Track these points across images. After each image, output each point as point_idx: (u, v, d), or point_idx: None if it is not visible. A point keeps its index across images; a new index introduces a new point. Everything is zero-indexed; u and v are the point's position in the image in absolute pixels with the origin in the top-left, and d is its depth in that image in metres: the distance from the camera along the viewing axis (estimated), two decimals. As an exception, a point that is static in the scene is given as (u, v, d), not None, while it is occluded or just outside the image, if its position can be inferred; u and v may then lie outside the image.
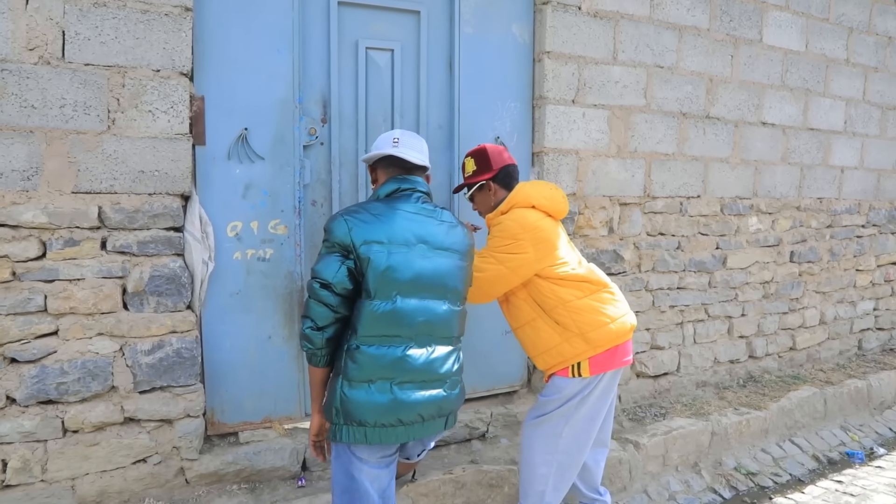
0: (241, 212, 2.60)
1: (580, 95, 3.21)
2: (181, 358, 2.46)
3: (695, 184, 3.69)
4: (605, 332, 2.24)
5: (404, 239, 1.84)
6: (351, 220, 1.82)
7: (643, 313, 3.59)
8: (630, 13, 3.32)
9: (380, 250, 1.79)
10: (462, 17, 2.94)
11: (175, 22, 2.36)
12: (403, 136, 2.01)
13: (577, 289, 2.27)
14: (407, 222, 1.86)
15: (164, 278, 2.41)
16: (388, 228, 1.83)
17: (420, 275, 1.84)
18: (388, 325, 1.81)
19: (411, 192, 1.96)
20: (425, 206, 1.95)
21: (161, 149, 2.38)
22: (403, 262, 1.82)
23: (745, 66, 3.79)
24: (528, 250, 2.23)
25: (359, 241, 1.79)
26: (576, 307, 2.25)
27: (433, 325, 1.88)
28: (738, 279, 3.99)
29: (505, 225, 2.27)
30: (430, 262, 1.87)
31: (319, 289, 1.80)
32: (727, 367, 4.05)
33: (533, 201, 2.32)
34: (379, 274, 1.78)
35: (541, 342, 2.31)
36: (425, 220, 1.91)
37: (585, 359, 2.25)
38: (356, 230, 1.80)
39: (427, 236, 1.88)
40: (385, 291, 1.80)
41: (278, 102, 2.62)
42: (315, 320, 1.82)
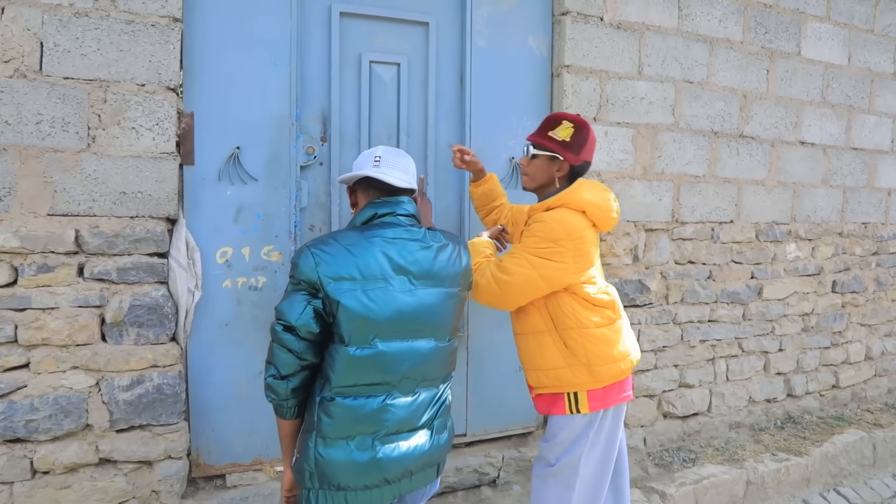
0: (231, 237, 2.42)
1: (602, 112, 2.98)
2: (162, 394, 2.27)
3: (727, 208, 3.42)
4: (613, 368, 2.05)
5: (381, 272, 1.58)
6: (318, 254, 1.56)
7: (671, 348, 3.31)
8: (656, 24, 3.09)
9: (352, 288, 1.53)
10: (474, 29, 2.75)
11: (162, 33, 2.20)
12: (386, 153, 1.74)
13: (600, 315, 2.05)
14: (384, 252, 1.60)
15: (146, 308, 2.23)
16: (361, 262, 1.56)
17: (401, 313, 1.58)
18: (367, 373, 1.56)
19: (391, 217, 1.68)
20: (408, 230, 1.67)
21: (145, 169, 2.21)
22: (381, 299, 1.56)
23: (782, 81, 3.53)
24: (568, 260, 1.97)
25: (327, 279, 1.53)
26: (591, 335, 2.02)
27: (419, 369, 1.63)
28: (776, 311, 3.68)
29: (549, 225, 1.98)
30: (412, 297, 1.60)
31: (282, 332, 1.55)
32: (763, 407, 3.73)
33: (585, 206, 2.03)
34: (352, 316, 1.53)
35: (541, 358, 2.09)
36: (407, 245, 1.64)
37: (584, 391, 2.04)
38: (324, 265, 1.54)
39: (409, 265, 1.62)
40: (361, 335, 1.54)
41: (274, 119, 2.44)
42: (278, 368, 1.56)
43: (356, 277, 1.55)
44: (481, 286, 2.01)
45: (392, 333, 1.57)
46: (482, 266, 2.04)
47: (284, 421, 1.65)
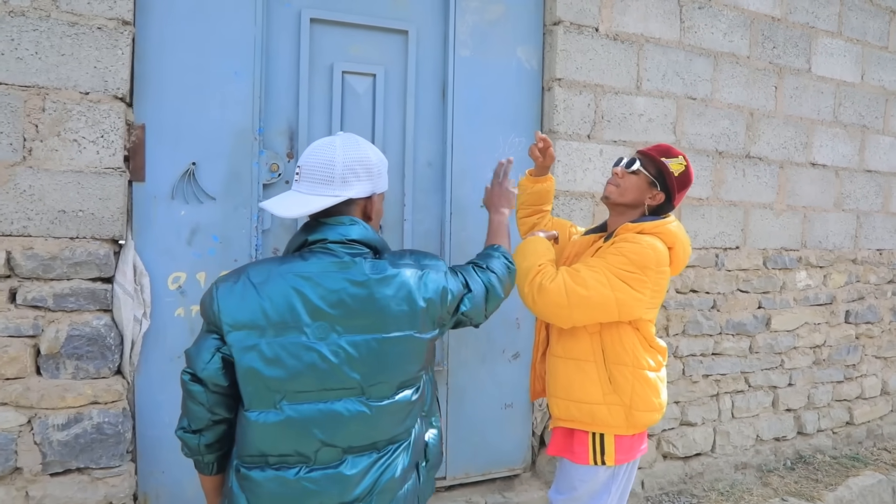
0: (185, 261, 2.20)
1: (597, 130, 2.77)
2: (103, 434, 2.05)
3: (733, 233, 3.19)
4: (650, 417, 1.88)
5: (292, 318, 1.24)
6: (222, 294, 1.26)
7: (671, 384, 3.06)
8: (656, 37, 2.88)
9: (254, 340, 1.23)
10: (458, 39, 2.55)
11: (110, 37, 2.01)
12: (311, 157, 1.35)
13: (654, 359, 1.89)
14: (298, 292, 1.26)
15: (85, 338, 2.02)
16: (269, 304, 1.24)
17: (315, 368, 1.25)
18: (273, 443, 1.26)
19: (321, 245, 1.32)
20: (339, 261, 1.29)
21: (87, 185, 2.01)
22: (289, 353, 1.24)
23: (792, 99, 3.31)
24: (646, 292, 1.78)
25: (227, 326, 1.24)
26: (643, 378, 1.85)
27: (342, 435, 1.29)
28: (785, 343, 3.43)
29: (643, 249, 1.77)
30: (331, 348, 1.26)
31: (190, 382, 1.28)
32: (772, 446, 3.46)
33: (676, 244, 1.85)
34: (252, 375, 1.23)
35: (578, 389, 1.89)
36: (331, 281, 1.27)
37: (612, 435, 1.86)
38: (225, 308, 1.24)
39: (330, 307, 1.26)
40: (264, 398, 1.25)
41: (234, 133, 2.24)
42: (189, 421, 1.32)
43: (260, 325, 1.24)
44: (548, 291, 1.76)
45: (303, 395, 1.26)
46: (547, 269, 1.82)
47: (205, 476, 1.41)
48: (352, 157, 1.35)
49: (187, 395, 1.30)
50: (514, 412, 2.75)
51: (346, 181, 1.33)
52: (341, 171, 1.33)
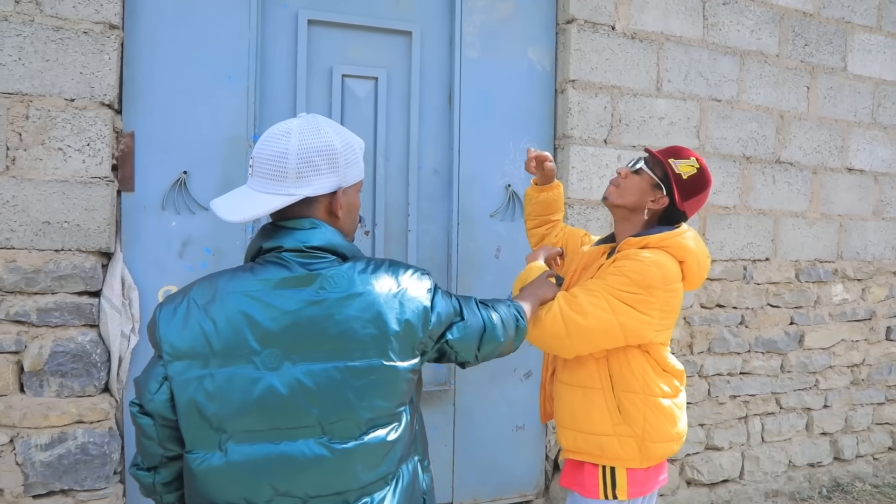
0: (176, 274, 2.11)
1: (614, 134, 2.61)
2: (88, 455, 1.96)
3: (762, 244, 2.99)
4: (666, 448, 1.69)
5: (238, 344, 1.05)
6: (164, 312, 1.08)
7: (696, 405, 2.87)
8: (677, 35, 2.72)
9: (188, 370, 1.05)
10: (464, 40, 2.42)
11: (96, 42, 1.93)
12: (263, 148, 1.13)
13: (669, 384, 1.69)
14: (245, 313, 1.06)
15: (70, 355, 1.93)
16: (211, 328, 1.05)
17: (264, 403, 1.05)
18: (217, 490, 1.07)
19: (275, 254, 1.11)
20: (293, 275, 1.08)
21: (72, 195, 1.92)
22: (233, 385, 1.05)
23: (826, 100, 3.10)
24: (654, 314, 1.61)
25: (167, 355, 1.05)
26: (656, 406, 1.66)
27: (299, 482, 1.08)
28: (820, 362, 3.20)
29: (646, 268, 1.60)
30: (282, 378, 1.06)
31: (138, 414, 1.08)
32: (806, 473, 3.23)
33: (687, 257, 1.66)
34: (191, 411, 1.05)
35: (586, 419, 1.72)
36: (283, 300, 1.07)
37: (624, 468, 1.68)
38: (165, 334, 1.06)
39: (282, 331, 1.06)
40: (206, 438, 1.06)
41: (227, 140, 2.14)
42: (141, 457, 1.13)
43: (202, 353, 1.05)
44: (544, 322, 1.62)
45: (251, 434, 1.06)
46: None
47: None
48: (309, 145, 1.12)
49: (137, 428, 1.13)
50: (526, 434, 2.60)
51: (303, 176, 1.11)
52: (296, 165, 1.10)
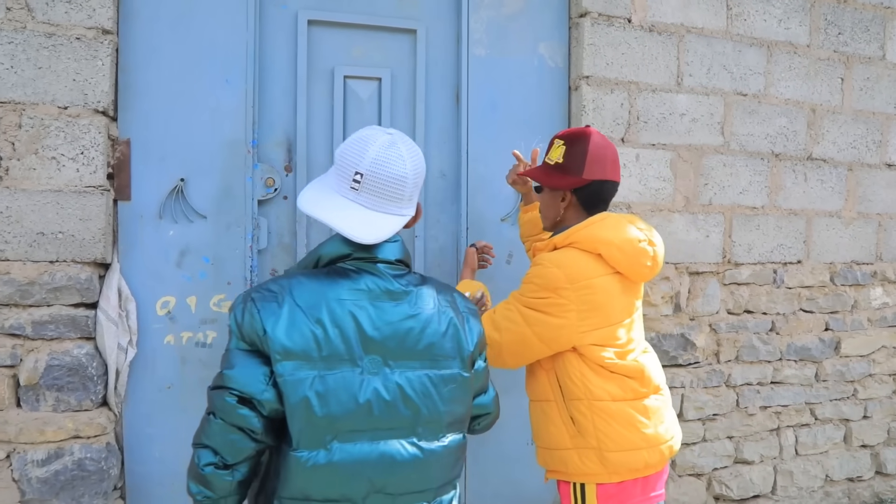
0: (174, 284, 2.05)
1: (632, 132, 2.48)
2: (85, 471, 1.91)
3: (794, 245, 2.82)
4: (632, 458, 1.57)
5: (347, 349, 1.14)
6: (264, 311, 1.12)
7: (723, 416, 2.71)
8: (699, 26, 2.57)
9: (298, 371, 1.11)
10: (472, 37, 2.32)
11: (89, 47, 1.88)
12: (379, 168, 1.20)
13: (619, 386, 1.57)
14: (355, 319, 1.16)
15: (65, 369, 1.89)
16: (321, 332, 1.13)
17: (369, 406, 1.15)
18: (320, 487, 1.14)
19: (369, 263, 1.21)
20: (387, 286, 1.20)
21: (67, 205, 1.88)
22: (343, 388, 1.13)
23: (862, 92, 2.92)
24: (570, 315, 1.53)
25: (276, 354, 1.10)
26: (604, 411, 1.56)
27: (394, 480, 1.18)
28: (858, 370, 3.01)
29: (545, 270, 1.55)
30: (384, 384, 1.17)
31: (236, 405, 1.11)
32: (845, 488, 3.04)
33: (601, 248, 1.56)
34: (304, 412, 1.11)
35: (547, 435, 1.65)
36: (384, 309, 1.19)
37: (593, 483, 1.58)
38: (272, 334, 1.10)
39: (385, 339, 1.17)
40: (313, 437, 1.13)
41: (226, 146, 2.08)
42: (223, 453, 1.13)
43: (312, 356, 1.11)
44: None
45: (355, 434, 1.15)
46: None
47: None
48: (418, 169, 1.26)
49: (228, 420, 1.12)
50: (542, 448, 2.48)
51: (412, 198, 1.27)
52: (411, 188, 1.24)
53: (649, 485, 1.63)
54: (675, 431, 1.67)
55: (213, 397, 1.15)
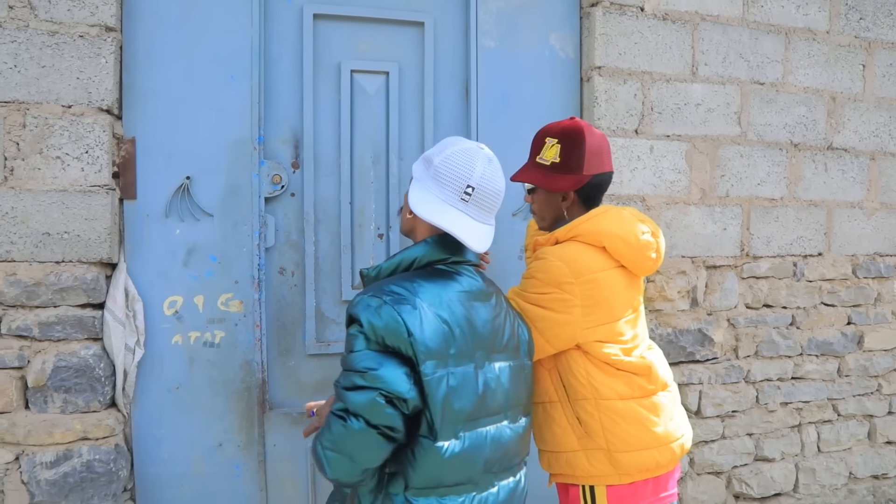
0: (181, 284, 2.03)
1: (646, 124, 2.42)
2: (93, 473, 1.89)
3: (814, 238, 2.74)
4: (643, 458, 1.52)
5: (466, 346, 1.25)
6: (405, 313, 1.17)
7: (742, 413, 2.65)
8: (714, 14, 2.50)
9: (437, 369, 1.20)
10: (481, 28, 2.27)
11: (92, 45, 1.86)
12: (487, 183, 1.32)
13: (626, 383, 1.53)
14: (469, 318, 1.27)
15: (73, 370, 1.87)
16: (447, 331, 1.22)
17: (482, 397, 1.28)
18: (452, 472, 1.24)
19: (467, 267, 1.35)
20: (482, 289, 1.35)
21: (72, 205, 1.86)
22: (467, 382, 1.25)
23: (884, 79, 2.83)
24: (574, 311, 1.48)
25: (422, 355, 1.17)
26: (612, 410, 1.51)
27: (497, 459, 1.32)
28: (882, 364, 2.93)
29: (548, 264, 1.51)
30: (491, 375, 1.30)
31: (385, 405, 1.14)
32: (869, 486, 2.97)
33: (605, 240, 1.53)
34: (443, 405, 1.20)
35: (551, 437, 1.59)
36: (481, 309, 1.31)
37: (603, 486, 1.53)
38: (417, 336, 1.17)
39: (486, 335, 1.30)
40: (450, 429, 1.22)
41: (232, 143, 2.05)
42: (365, 456, 1.17)
43: (445, 354, 1.20)
44: None
45: (474, 423, 1.27)
46: None
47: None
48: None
49: (371, 422, 1.14)
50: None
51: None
52: (501, 202, 1.38)
53: (660, 485, 1.58)
54: (685, 429, 1.63)
55: (354, 397, 1.15)
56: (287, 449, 2.12)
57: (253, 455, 2.10)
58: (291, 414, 2.12)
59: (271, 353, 2.13)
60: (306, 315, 2.15)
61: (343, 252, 2.18)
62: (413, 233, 1.40)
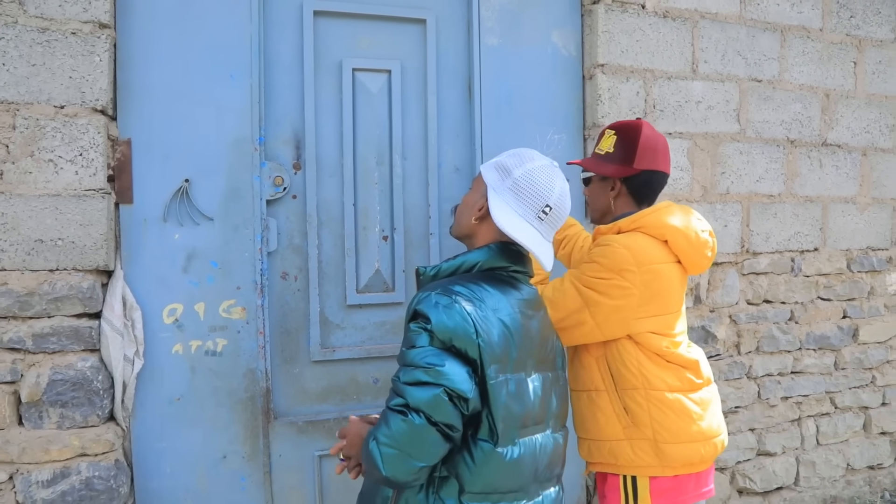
0: (181, 290, 1.95)
1: (649, 121, 2.40)
2: (93, 490, 1.81)
3: (810, 233, 2.77)
4: (688, 451, 1.53)
5: (521, 351, 1.25)
6: (477, 320, 1.16)
7: (745, 409, 2.66)
8: (713, 11, 2.50)
9: (499, 373, 1.20)
10: (483, 25, 2.24)
11: (85, 43, 1.78)
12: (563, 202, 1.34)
13: (676, 376, 1.56)
14: (525, 326, 1.28)
15: (70, 383, 1.79)
16: (509, 336, 1.22)
17: (533, 403, 1.28)
18: (507, 478, 1.24)
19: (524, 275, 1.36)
20: (535, 299, 1.37)
21: (66, 210, 1.77)
22: (523, 389, 1.25)
23: (874, 76, 2.87)
24: (631, 299, 1.51)
25: (487, 359, 1.17)
26: (662, 401, 1.53)
27: (543, 469, 1.32)
28: (876, 357, 2.98)
29: (615, 250, 1.52)
30: (537, 384, 1.30)
31: (447, 402, 1.12)
32: (866, 476, 3.01)
33: (668, 234, 1.57)
34: (504, 409, 1.20)
35: (595, 425, 1.60)
36: (534, 319, 1.32)
37: (645, 477, 1.55)
38: (484, 339, 1.16)
39: (538, 344, 1.32)
40: (510, 434, 1.22)
41: (232, 144, 1.98)
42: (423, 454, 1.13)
43: (505, 358, 1.20)
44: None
45: (527, 430, 1.27)
46: None
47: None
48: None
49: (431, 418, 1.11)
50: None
51: None
52: None
53: (702, 480, 1.61)
54: (724, 426, 1.65)
55: (417, 393, 1.12)
56: (293, 459, 2.05)
57: (258, 466, 2.03)
58: (297, 423, 2.06)
59: (275, 361, 2.06)
60: (310, 321, 2.08)
61: (347, 255, 2.12)
62: (473, 238, 1.38)
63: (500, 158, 1.37)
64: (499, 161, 1.36)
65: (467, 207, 1.39)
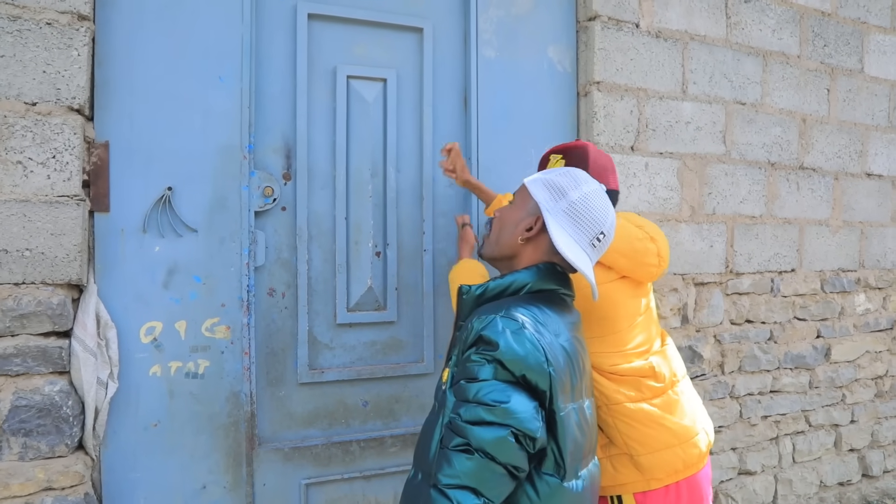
0: (161, 307, 1.80)
1: (641, 140, 2.40)
2: (58, 530, 1.62)
3: (788, 254, 2.82)
4: (667, 458, 1.48)
5: (577, 378, 1.19)
6: (544, 342, 1.08)
7: (728, 428, 2.67)
8: (701, 34, 2.54)
9: (565, 402, 1.12)
10: (481, 37, 2.19)
11: (62, 35, 1.63)
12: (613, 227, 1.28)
13: (633, 387, 1.51)
14: (577, 351, 1.21)
15: (35, 409, 1.61)
16: (569, 363, 1.14)
17: (591, 431, 1.23)
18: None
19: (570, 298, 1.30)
20: (580, 322, 1.32)
21: (35, 217, 1.61)
22: (581, 418, 1.19)
23: (845, 103, 2.97)
24: None
25: (557, 389, 1.08)
26: (625, 413, 1.49)
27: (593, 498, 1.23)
28: (846, 376, 3.05)
29: None
30: (589, 412, 1.24)
31: (513, 444, 1.02)
32: (836, 492, 3.07)
33: (603, 257, 1.49)
34: (572, 441, 1.13)
35: None
36: (582, 343, 1.27)
37: (630, 494, 1.50)
38: (554, 368, 1.08)
39: (587, 371, 1.26)
40: (574, 467, 1.15)
41: (219, 151, 1.85)
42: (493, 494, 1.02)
43: (569, 388, 1.12)
44: None
45: (585, 460, 1.20)
46: None
47: None
48: None
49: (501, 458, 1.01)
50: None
51: None
52: None
53: (694, 487, 1.53)
54: (704, 423, 1.59)
55: (480, 433, 1.02)
56: (279, 488, 1.92)
57: (241, 497, 1.88)
58: (283, 449, 1.93)
59: (260, 383, 1.93)
60: (298, 340, 1.96)
61: (338, 271, 2.02)
62: (515, 258, 1.27)
63: (550, 176, 1.27)
64: (549, 179, 1.26)
65: (511, 225, 1.27)
